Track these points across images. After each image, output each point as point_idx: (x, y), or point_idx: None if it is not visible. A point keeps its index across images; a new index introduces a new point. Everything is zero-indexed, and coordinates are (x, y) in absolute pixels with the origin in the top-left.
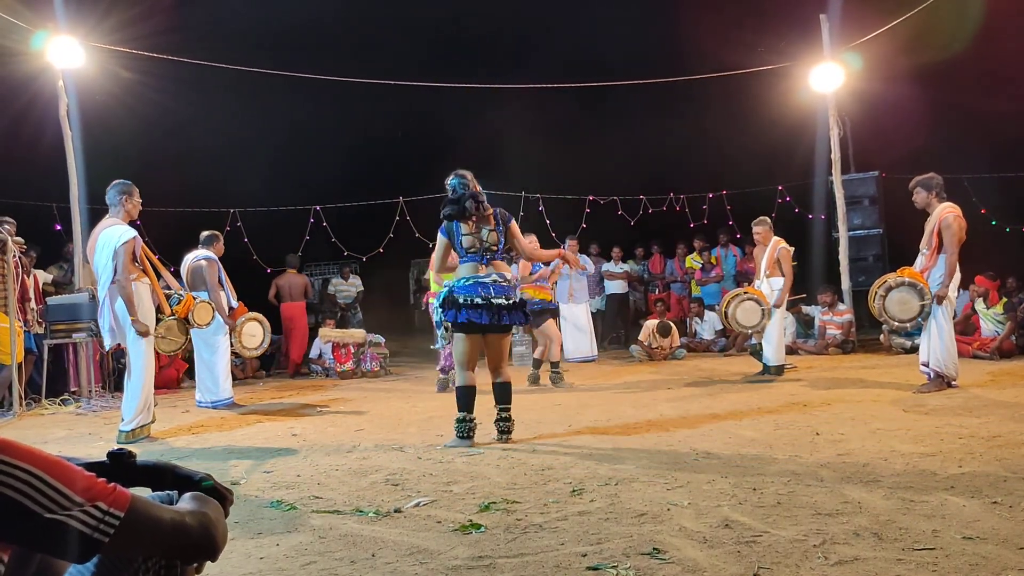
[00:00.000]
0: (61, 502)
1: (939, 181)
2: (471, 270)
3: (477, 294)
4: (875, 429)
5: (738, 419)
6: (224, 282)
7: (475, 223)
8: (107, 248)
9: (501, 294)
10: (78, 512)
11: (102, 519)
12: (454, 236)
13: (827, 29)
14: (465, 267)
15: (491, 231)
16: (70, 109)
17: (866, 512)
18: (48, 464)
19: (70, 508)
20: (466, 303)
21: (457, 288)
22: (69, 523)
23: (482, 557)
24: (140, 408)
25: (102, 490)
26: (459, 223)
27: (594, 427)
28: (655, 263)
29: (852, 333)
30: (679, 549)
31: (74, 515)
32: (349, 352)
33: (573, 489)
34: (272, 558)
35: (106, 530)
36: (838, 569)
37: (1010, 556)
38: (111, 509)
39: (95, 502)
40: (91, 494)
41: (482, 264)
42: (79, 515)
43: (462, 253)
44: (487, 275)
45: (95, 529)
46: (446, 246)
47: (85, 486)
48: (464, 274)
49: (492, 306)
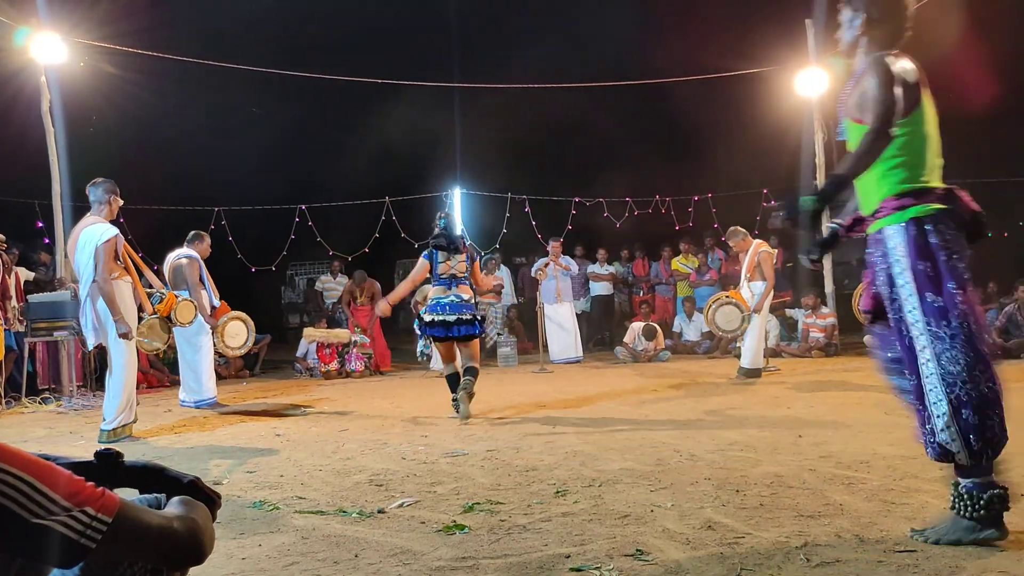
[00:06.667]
0: (48, 507)
1: None
2: (439, 292)
3: (436, 312)
4: (857, 431)
5: (722, 421)
6: (206, 281)
7: (451, 256)
8: (88, 246)
9: (455, 311)
10: (64, 517)
11: (89, 524)
12: (433, 262)
13: (812, 34)
14: (435, 289)
15: (461, 262)
16: (53, 105)
17: (848, 514)
18: (35, 468)
19: (57, 513)
20: (431, 321)
21: (426, 309)
22: (55, 528)
23: (466, 558)
24: (122, 407)
25: (90, 495)
26: (439, 253)
27: (578, 428)
28: (639, 266)
29: (835, 336)
30: (662, 550)
31: (60, 520)
32: (334, 352)
33: (557, 490)
34: (254, 559)
35: (93, 536)
36: (820, 571)
37: (990, 558)
38: (98, 514)
39: (83, 507)
40: (78, 499)
41: (447, 288)
42: (66, 520)
43: (435, 277)
44: (447, 296)
45: (81, 535)
46: (425, 267)
47: (72, 490)
48: (432, 295)
49: (447, 323)
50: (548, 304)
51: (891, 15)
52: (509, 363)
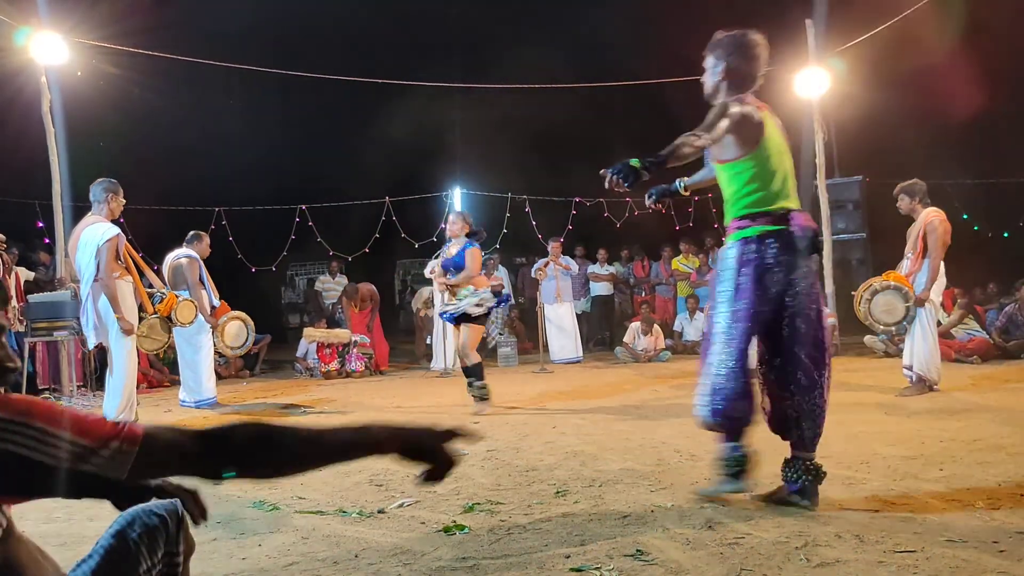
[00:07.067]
0: (78, 452)
1: (922, 187)
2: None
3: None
4: (857, 432)
5: None
6: (206, 281)
7: None
8: (90, 246)
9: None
10: (94, 457)
11: (115, 454)
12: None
13: (812, 34)
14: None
15: None
16: (53, 105)
17: (848, 514)
18: (64, 419)
19: (87, 456)
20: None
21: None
22: (86, 469)
23: (466, 558)
24: (122, 406)
25: (112, 430)
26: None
27: (578, 429)
28: (639, 267)
29: (835, 336)
30: (662, 551)
31: (91, 462)
32: (334, 352)
33: (557, 490)
34: (254, 558)
35: (122, 465)
36: (820, 571)
37: (990, 559)
38: (123, 446)
39: (107, 444)
40: (101, 436)
41: None
42: (95, 459)
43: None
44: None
45: (111, 468)
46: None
47: (99, 432)
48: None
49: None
50: (548, 304)
51: (746, 64)
52: (509, 363)
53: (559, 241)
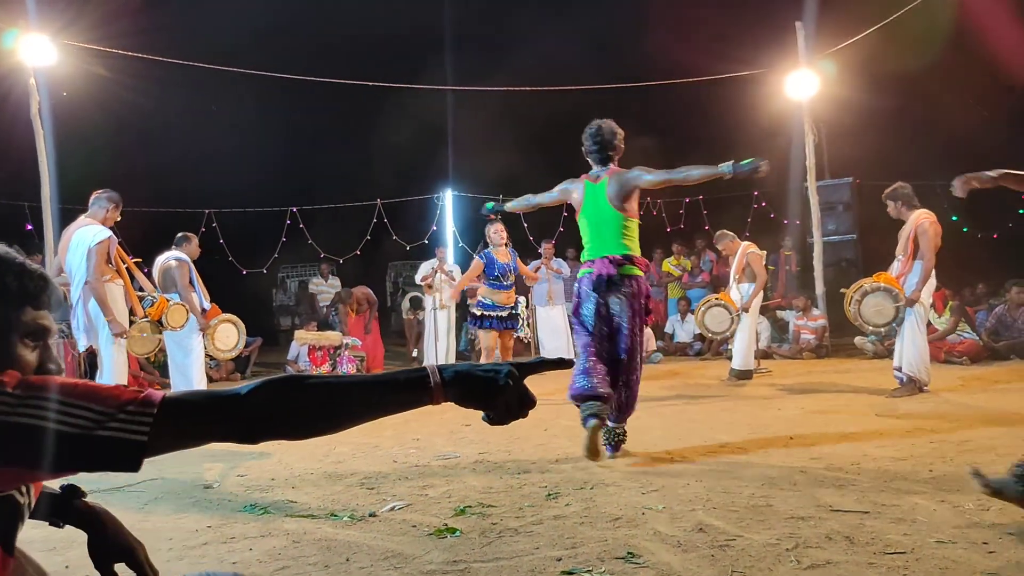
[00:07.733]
0: (95, 418)
1: (906, 191)
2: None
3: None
4: (848, 433)
5: (713, 423)
6: (196, 283)
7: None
8: (81, 247)
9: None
10: (111, 422)
11: (133, 416)
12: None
13: (803, 36)
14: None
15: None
16: (42, 108)
17: (838, 516)
18: (80, 388)
19: (104, 421)
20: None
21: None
22: (104, 435)
23: (457, 561)
24: None
25: (130, 395)
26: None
27: (570, 431)
28: None
29: (826, 338)
30: (654, 553)
31: (108, 427)
32: (325, 355)
33: (548, 493)
34: (245, 562)
35: (141, 428)
36: (810, 573)
37: (980, 560)
38: (142, 408)
39: (123, 408)
40: (118, 402)
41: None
42: (112, 424)
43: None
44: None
45: (130, 431)
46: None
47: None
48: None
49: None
50: (540, 307)
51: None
52: None
53: (551, 243)
